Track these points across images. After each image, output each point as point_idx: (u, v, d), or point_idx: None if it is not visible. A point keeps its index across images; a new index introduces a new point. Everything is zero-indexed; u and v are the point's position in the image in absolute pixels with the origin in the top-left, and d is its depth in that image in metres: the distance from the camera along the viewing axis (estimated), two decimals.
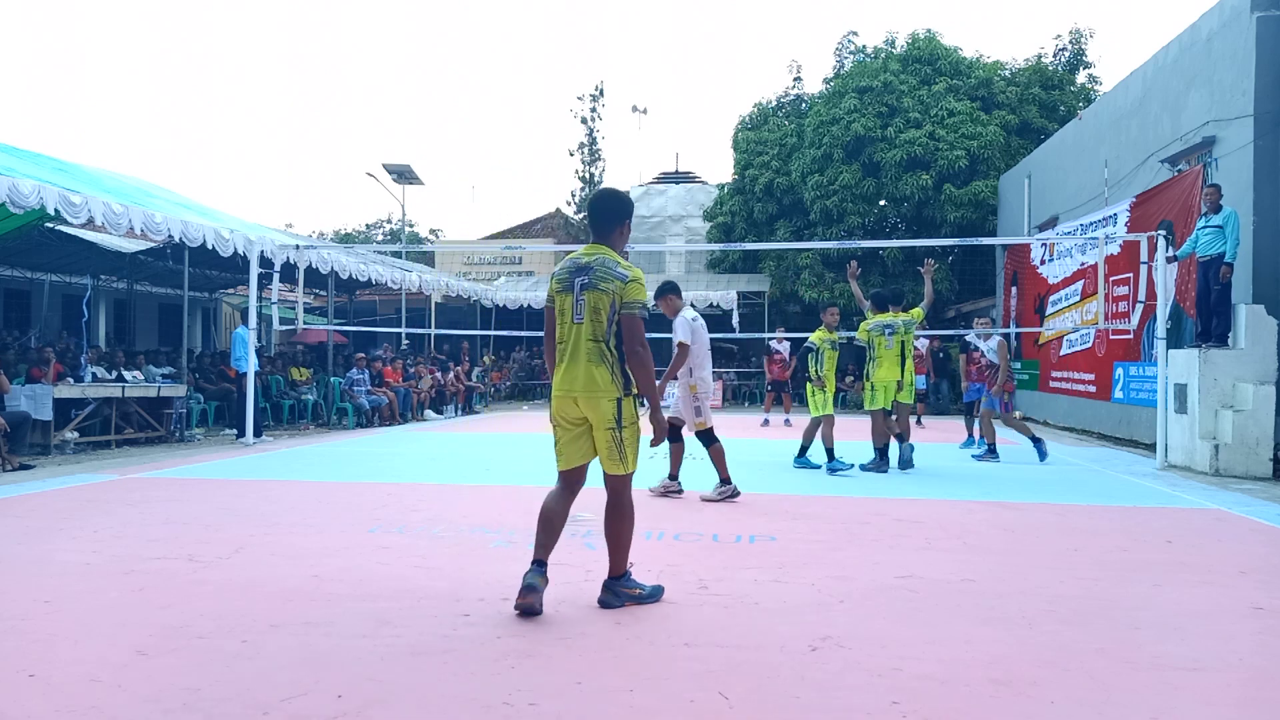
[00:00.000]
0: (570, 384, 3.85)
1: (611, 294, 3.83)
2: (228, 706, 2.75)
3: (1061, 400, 15.77)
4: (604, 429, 3.84)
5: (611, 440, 3.84)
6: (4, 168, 9.12)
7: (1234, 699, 2.97)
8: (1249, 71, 10.33)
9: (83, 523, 5.75)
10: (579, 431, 3.91)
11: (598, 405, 3.82)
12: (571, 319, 3.88)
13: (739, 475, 7.25)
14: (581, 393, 3.82)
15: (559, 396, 3.90)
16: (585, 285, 3.86)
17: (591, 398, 3.82)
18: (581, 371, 3.82)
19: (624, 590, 3.92)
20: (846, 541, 5.43)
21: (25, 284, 18.19)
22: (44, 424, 9.94)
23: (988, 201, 20.68)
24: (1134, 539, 5.66)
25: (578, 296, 3.87)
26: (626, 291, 3.83)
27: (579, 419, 3.89)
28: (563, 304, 3.93)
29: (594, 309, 3.84)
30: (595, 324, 3.84)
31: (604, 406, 3.82)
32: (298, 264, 12.78)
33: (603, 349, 3.83)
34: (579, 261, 3.95)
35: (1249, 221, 10.23)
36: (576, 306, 3.87)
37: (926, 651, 3.34)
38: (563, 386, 3.88)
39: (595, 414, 3.84)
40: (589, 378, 3.81)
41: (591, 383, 3.81)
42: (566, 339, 3.90)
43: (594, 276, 3.86)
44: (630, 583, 3.96)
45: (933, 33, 23.42)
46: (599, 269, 3.87)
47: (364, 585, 4.23)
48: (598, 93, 30.60)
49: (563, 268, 3.99)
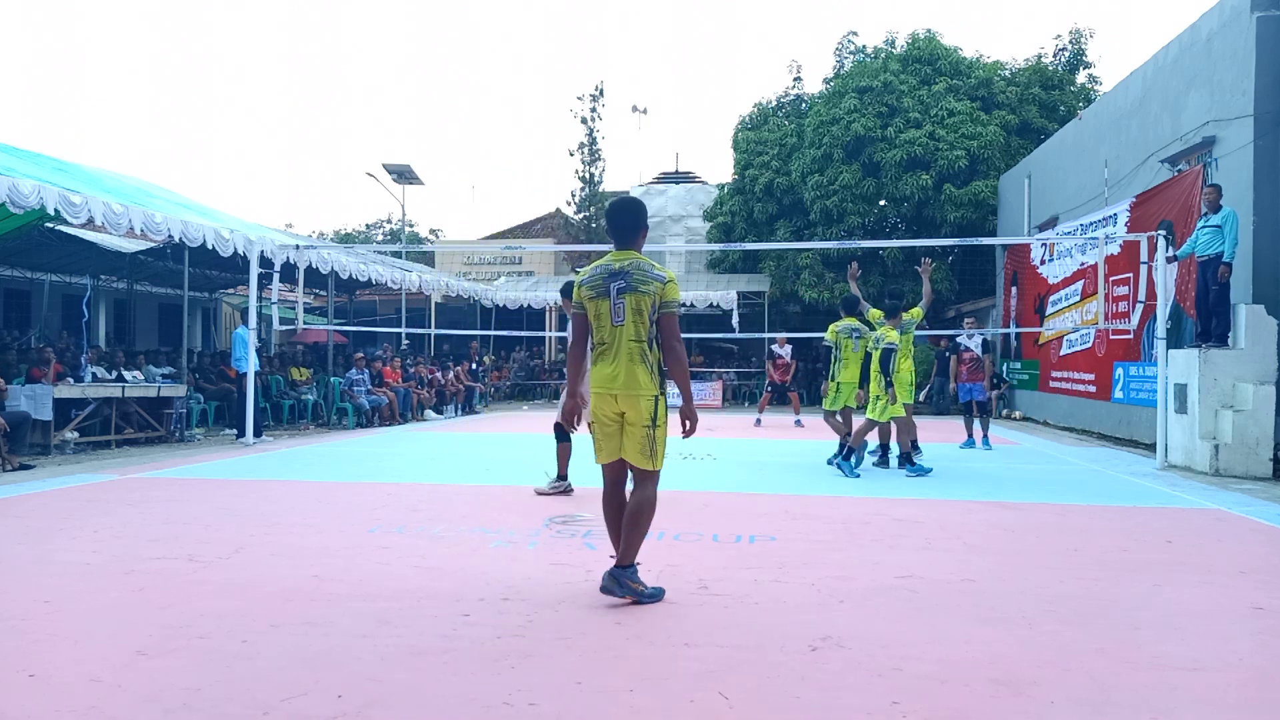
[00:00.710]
0: (611, 382, 4.02)
1: (653, 295, 4.03)
2: (228, 706, 2.75)
3: (1061, 400, 15.77)
4: (640, 426, 4.02)
5: (645, 437, 4.02)
6: (4, 168, 9.12)
7: (1234, 699, 2.97)
8: (1249, 71, 10.33)
9: (83, 523, 5.75)
10: (615, 428, 4.09)
11: (637, 403, 4.00)
12: (611, 321, 4.05)
13: (740, 475, 7.25)
14: (622, 390, 4.00)
15: (599, 394, 4.06)
16: (623, 289, 4.03)
17: (632, 396, 3.99)
18: (623, 370, 4.00)
19: (628, 582, 3.99)
20: (846, 541, 5.43)
21: (25, 284, 18.19)
22: (44, 424, 9.94)
23: (988, 201, 20.68)
24: (1134, 539, 5.66)
25: (615, 300, 4.04)
26: (665, 292, 4.04)
27: (616, 415, 4.06)
28: (598, 309, 4.09)
29: (635, 310, 4.02)
30: (638, 325, 4.02)
31: (643, 405, 4.00)
32: (298, 264, 12.77)
33: (644, 349, 4.03)
34: (611, 267, 4.09)
35: (1249, 221, 10.22)
36: (615, 310, 4.04)
37: (926, 651, 3.34)
38: (603, 385, 4.05)
39: (634, 411, 4.01)
40: (630, 376, 3.99)
41: (633, 381, 3.99)
42: (607, 340, 4.07)
43: (632, 280, 4.03)
44: (635, 578, 4.02)
45: (933, 33, 23.42)
46: (636, 273, 4.04)
47: (364, 585, 4.24)
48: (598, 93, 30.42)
49: (594, 274, 4.13)
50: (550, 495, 7.01)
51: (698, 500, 6.94)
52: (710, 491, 7.45)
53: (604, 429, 4.11)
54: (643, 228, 4.22)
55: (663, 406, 4.06)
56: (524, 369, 25.18)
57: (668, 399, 4.12)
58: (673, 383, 4.16)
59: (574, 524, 5.83)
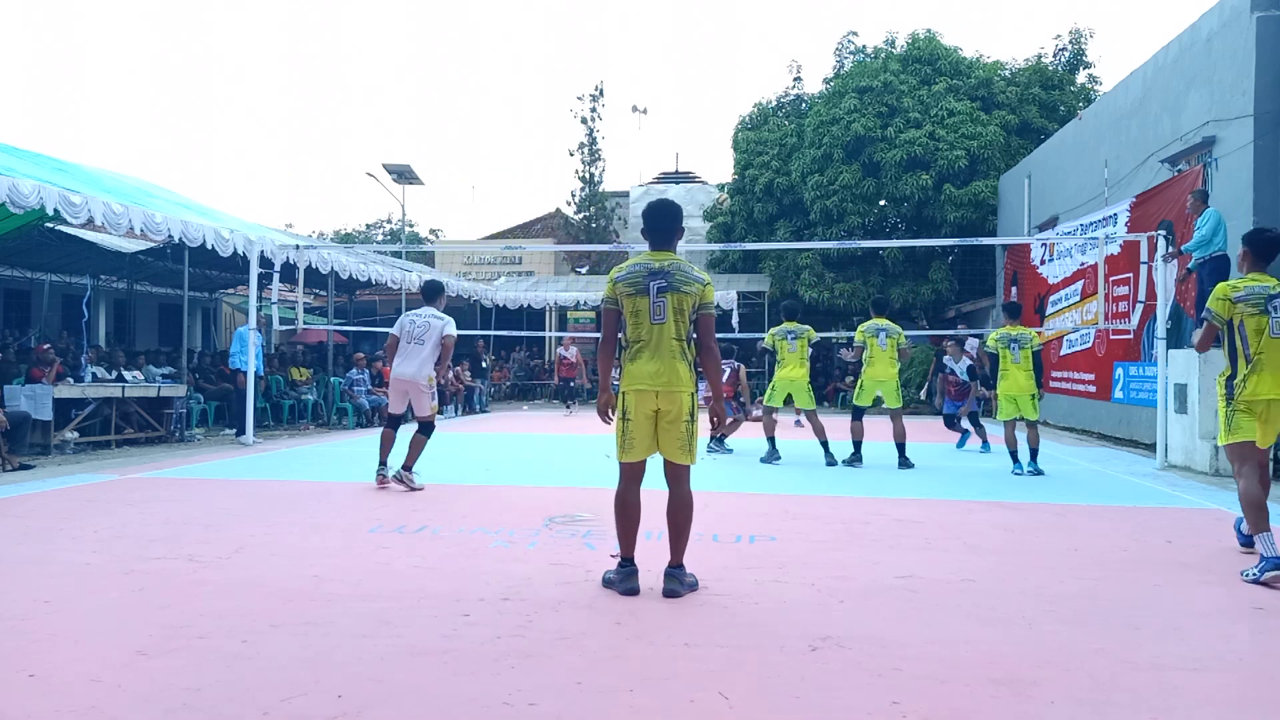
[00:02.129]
0: (653, 379, 4.10)
1: (694, 295, 4.15)
2: (228, 706, 2.75)
3: (1061, 400, 15.77)
4: (681, 421, 4.14)
5: (685, 432, 4.15)
6: (4, 168, 9.12)
7: (1234, 699, 2.97)
8: (1249, 71, 10.33)
9: (83, 523, 5.75)
10: (649, 426, 4.18)
11: (677, 399, 4.12)
12: (650, 319, 4.13)
13: (741, 475, 7.25)
14: (664, 387, 4.09)
15: (640, 390, 4.12)
16: (664, 288, 4.13)
17: (673, 392, 4.10)
18: (666, 366, 4.10)
19: (686, 579, 4.11)
20: (846, 541, 5.43)
21: (25, 284, 18.18)
22: (44, 424, 9.94)
23: (988, 201, 20.68)
24: (1134, 539, 5.66)
25: (655, 298, 4.13)
26: (705, 294, 4.19)
27: (652, 412, 4.15)
28: (636, 305, 4.16)
29: (677, 309, 4.13)
30: (679, 324, 4.13)
31: (684, 400, 4.13)
32: (298, 264, 12.77)
33: (684, 347, 4.15)
34: (650, 266, 4.18)
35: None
36: (655, 308, 4.13)
37: (926, 651, 3.34)
38: (645, 381, 4.11)
39: (673, 407, 4.12)
40: (673, 372, 4.10)
41: (676, 377, 4.10)
42: (645, 338, 4.15)
43: (674, 280, 4.14)
44: (686, 573, 4.14)
45: (933, 33, 23.41)
46: (677, 273, 4.15)
47: (364, 585, 4.23)
48: (598, 93, 30.39)
49: (632, 271, 4.20)
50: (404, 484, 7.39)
51: (698, 500, 6.85)
52: (710, 491, 7.44)
53: (640, 426, 4.16)
54: (680, 230, 4.37)
55: (696, 402, 4.21)
56: (524, 369, 25.18)
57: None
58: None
59: (574, 524, 5.83)
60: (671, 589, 4.06)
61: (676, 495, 4.20)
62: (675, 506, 4.18)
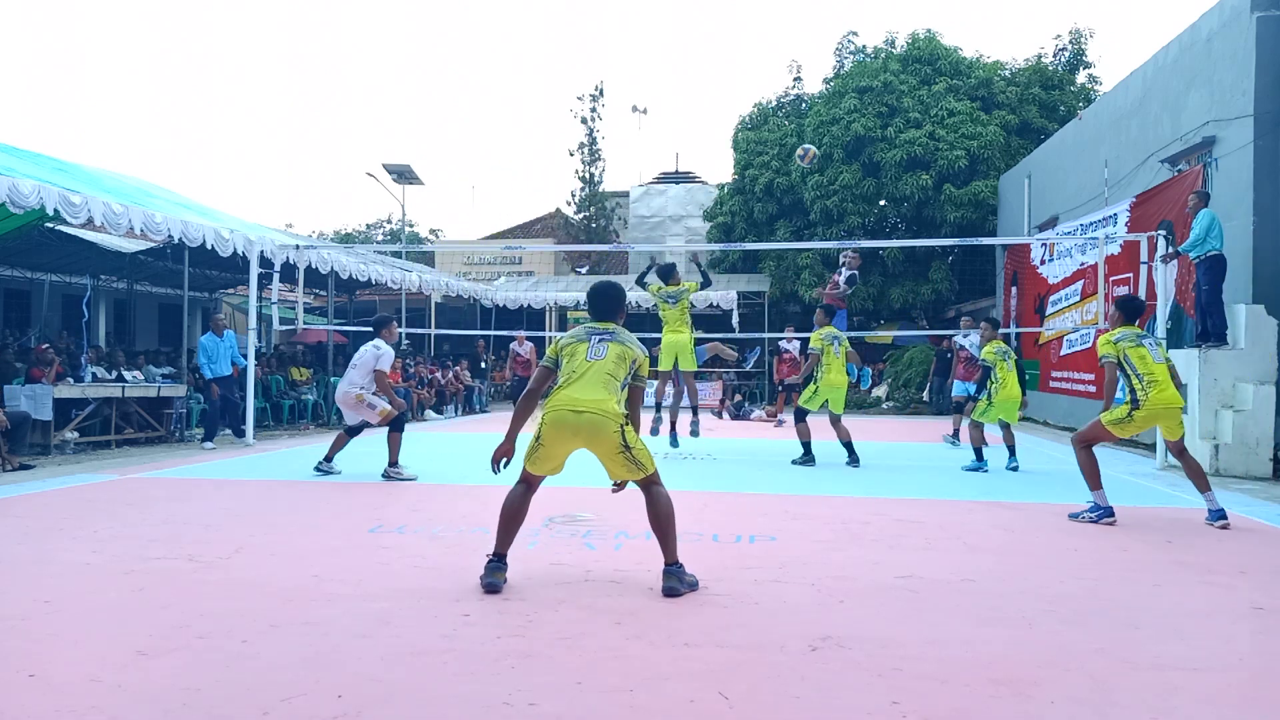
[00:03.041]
0: (575, 403, 4.12)
1: (636, 358, 4.30)
2: (228, 706, 2.75)
3: (1061, 400, 15.77)
4: (618, 453, 4.14)
5: (629, 459, 4.16)
6: (4, 168, 9.12)
7: (1234, 699, 2.97)
8: (1249, 71, 10.33)
9: (83, 523, 5.75)
10: (560, 457, 4.26)
11: (605, 427, 4.10)
12: (586, 357, 4.22)
13: (740, 475, 7.25)
14: (589, 408, 4.09)
15: (557, 411, 4.13)
16: (606, 338, 4.28)
17: (598, 418, 4.10)
18: (594, 394, 4.13)
19: (685, 577, 4.15)
20: (846, 541, 5.43)
21: (25, 284, 18.17)
22: (44, 424, 9.94)
23: (988, 201, 20.68)
24: (1134, 539, 5.66)
25: (595, 345, 4.26)
26: (644, 364, 4.34)
27: (566, 444, 4.19)
28: (575, 350, 4.28)
29: (618, 356, 4.24)
30: (618, 365, 4.23)
31: (612, 438, 4.11)
32: (298, 264, 12.77)
33: (615, 384, 4.20)
34: (595, 329, 4.37)
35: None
36: (593, 349, 4.24)
37: (926, 651, 3.34)
38: (567, 403, 4.13)
39: (604, 446, 4.13)
40: (600, 399, 4.12)
41: (602, 404, 4.11)
42: (579, 370, 4.20)
43: (620, 338, 4.31)
44: (684, 570, 4.17)
45: (933, 33, 23.43)
46: (622, 334, 4.35)
47: (364, 585, 4.23)
48: (598, 93, 30.39)
49: (575, 332, 4.38)
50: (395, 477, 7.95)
51: (698, 500, 6.94)
52: (710, 491, 7.45)
53: (551, 452, 4.21)
54: (623, 310, 4.58)
55: (630, 433, 4.17)
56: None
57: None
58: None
59: (574, 524, 5.83)
60: (670, 586, 4.10)
61: (652, 501, 4.23)
62: (654, 512, 4.21)
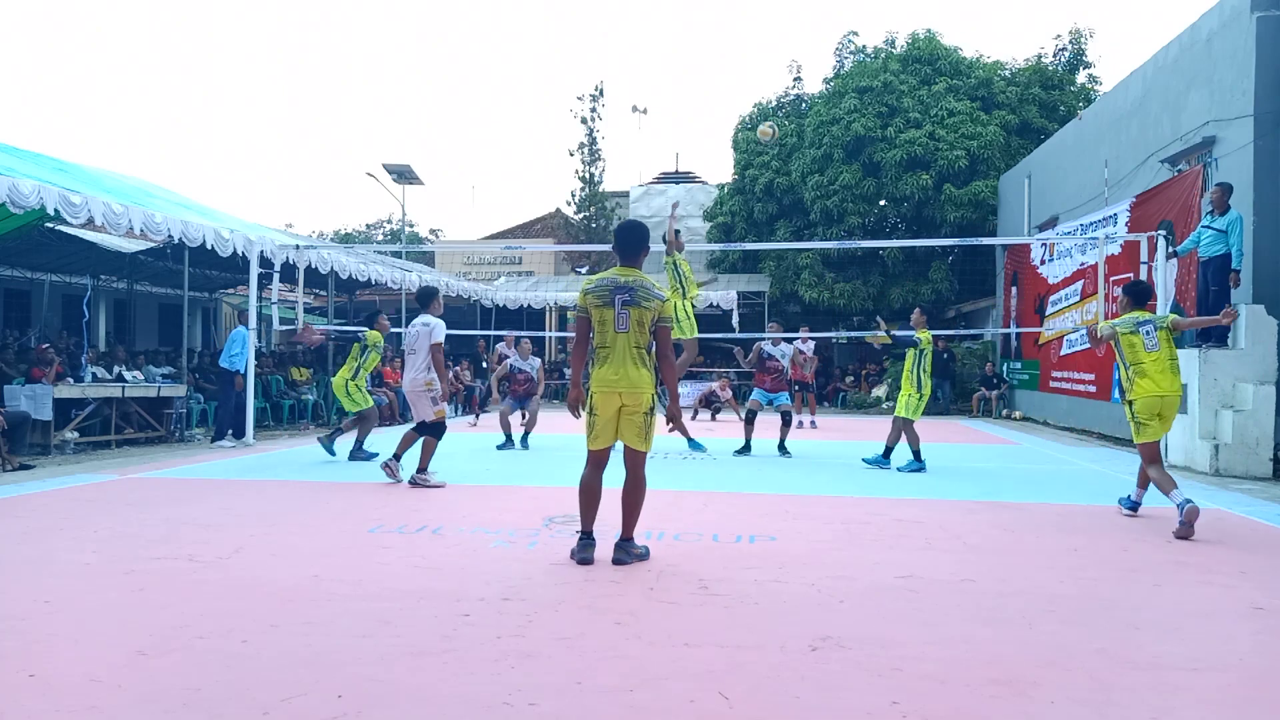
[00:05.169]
0: (615, 384, 4.64)
1: (654, 310, 4.68)
2: (228, 707, 2.75)
3: (1061, 400, 15.77)
4: (640, 413, 4.67)
5: (643, 423, 4.70)
6: (4, 168, 9.11)
7: (1234, 699, 2.97)
8: (1249, 71, 10.33)
9: (83, 523, 5.75)
10: (613, 421, 4.72)
11: (639, 397, 4.66)
12: (614, 328, 4.67)
13: (741, 475, 7.25)
14: (626, 389, 4.62)
15: (603, 391, 4.66)
16: (627, 302, 4.65)
17: (634, 392, 4.64)
18: (626, 372, 4.63)
19: (633, 550, 4.72)
20: (846, 541, 5.43)
21: (25, 284, 18.16)
22: (44, 424, 9.94)
23: (988, 201, 20.68)
24: (1134, 539, 5.66)
25: (619, 311, 4.65)
26: (663, 309, 4.72)
27: (615, 410, 4.68)
28: (602, 315, 4.70)
29: (637, 322, 4.66)
30: (639, 334, 4.67)
31: (645, 398, 4.67)
32: (298, 264, 12.77)
33: (642, 354, 4.68)
34: (617, 281, 4.70)
35: (1249, 221, 10.22)
36: (619, 319, 4.65)
37: (926, 651, 3.34)
38: (608, 383, 4.65)
39: (635, 403, 4.66)
40: (632, 376, 4.63)
41: (635, 380, 4.63)
42: (609, 345, 4.68)
43: (636, 295, 4.66)
44: (635, 545, 4.77)
45: (933, 33, 23.42)
46: (640, 290, 4.67)
47: (364, 585, 4.23)
48: (598, 93, 30.32)
49: (599, 284, 4.72)
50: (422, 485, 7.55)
51: (698, 500, 6.94)
52: (710, 491, 7.45)
53: (603, 420, 4.71)
54: (646, 249, 4.87)
55: (656, 400, 4.76)
56: None
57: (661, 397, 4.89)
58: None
59: (574, 524, 5.81)
60: (619, 558, 4.64)
61: (632, 477, 4.77)
62: (630, 486, 4.76)
